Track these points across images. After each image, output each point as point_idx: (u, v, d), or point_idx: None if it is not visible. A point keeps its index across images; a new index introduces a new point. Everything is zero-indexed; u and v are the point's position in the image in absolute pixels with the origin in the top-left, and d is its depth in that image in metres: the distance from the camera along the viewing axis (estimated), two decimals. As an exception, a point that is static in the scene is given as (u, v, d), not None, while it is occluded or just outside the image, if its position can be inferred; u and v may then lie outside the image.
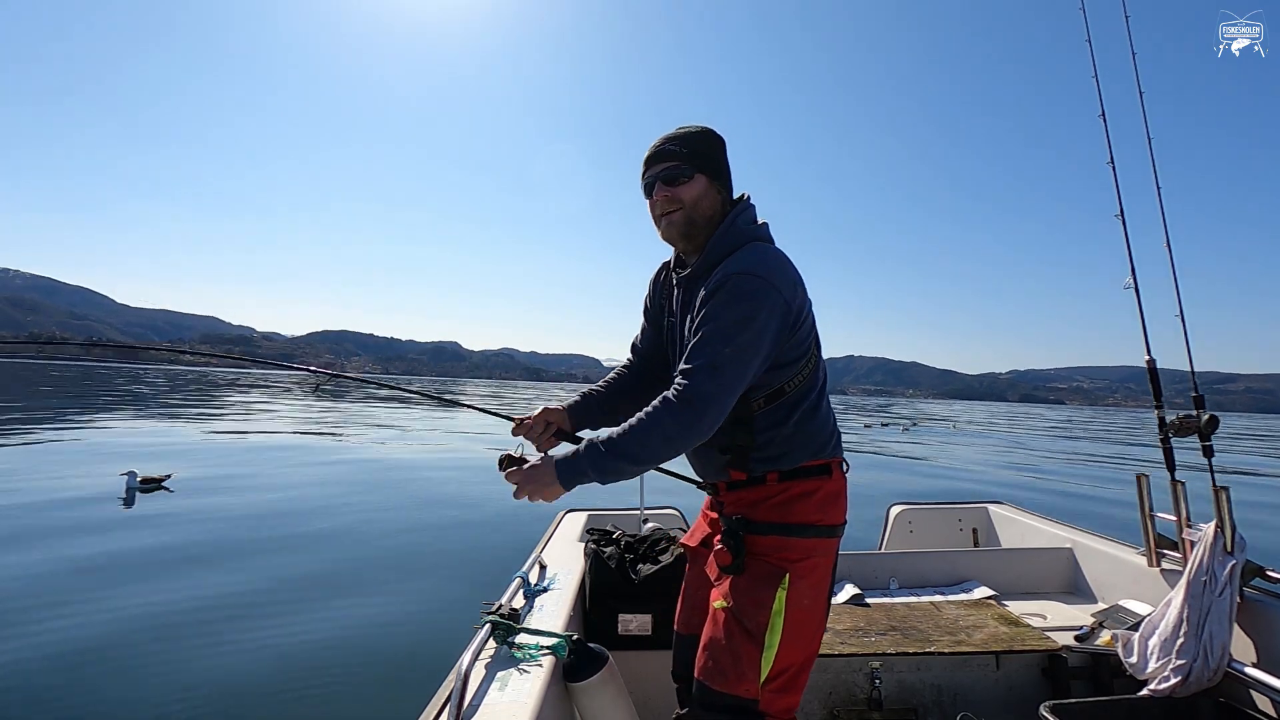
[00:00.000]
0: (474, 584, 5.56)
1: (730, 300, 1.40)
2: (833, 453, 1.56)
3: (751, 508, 1.53)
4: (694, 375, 1.38)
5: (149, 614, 4.69)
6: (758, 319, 1.39)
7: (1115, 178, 2.70)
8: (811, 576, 1.50)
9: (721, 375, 1.37)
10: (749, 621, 1.45)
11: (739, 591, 1.48)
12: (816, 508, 1.51)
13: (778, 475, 1.52)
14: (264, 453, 13.86)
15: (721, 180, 1.56)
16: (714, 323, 1.41)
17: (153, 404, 28.92)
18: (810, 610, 1.50)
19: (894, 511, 3.80)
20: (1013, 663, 2.37)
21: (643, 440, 1.38)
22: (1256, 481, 16.22)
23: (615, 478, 1.42)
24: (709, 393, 1.37)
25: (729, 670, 1.45)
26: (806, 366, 1.52)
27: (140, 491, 8.90)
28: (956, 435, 32.13)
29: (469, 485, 10.68)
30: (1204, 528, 2.16)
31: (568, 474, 1.41)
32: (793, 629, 1.46)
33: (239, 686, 3.72)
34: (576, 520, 3.20)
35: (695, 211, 1.53)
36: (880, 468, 15.85)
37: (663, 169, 1.53)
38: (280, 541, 6.80)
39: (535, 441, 1.67)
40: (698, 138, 1.54)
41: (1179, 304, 2.44)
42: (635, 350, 1.83)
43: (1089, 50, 2.87)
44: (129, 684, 3.70)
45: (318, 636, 4.42)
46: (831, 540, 1.54)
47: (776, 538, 1.50)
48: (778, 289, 1.42)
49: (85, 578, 5.44)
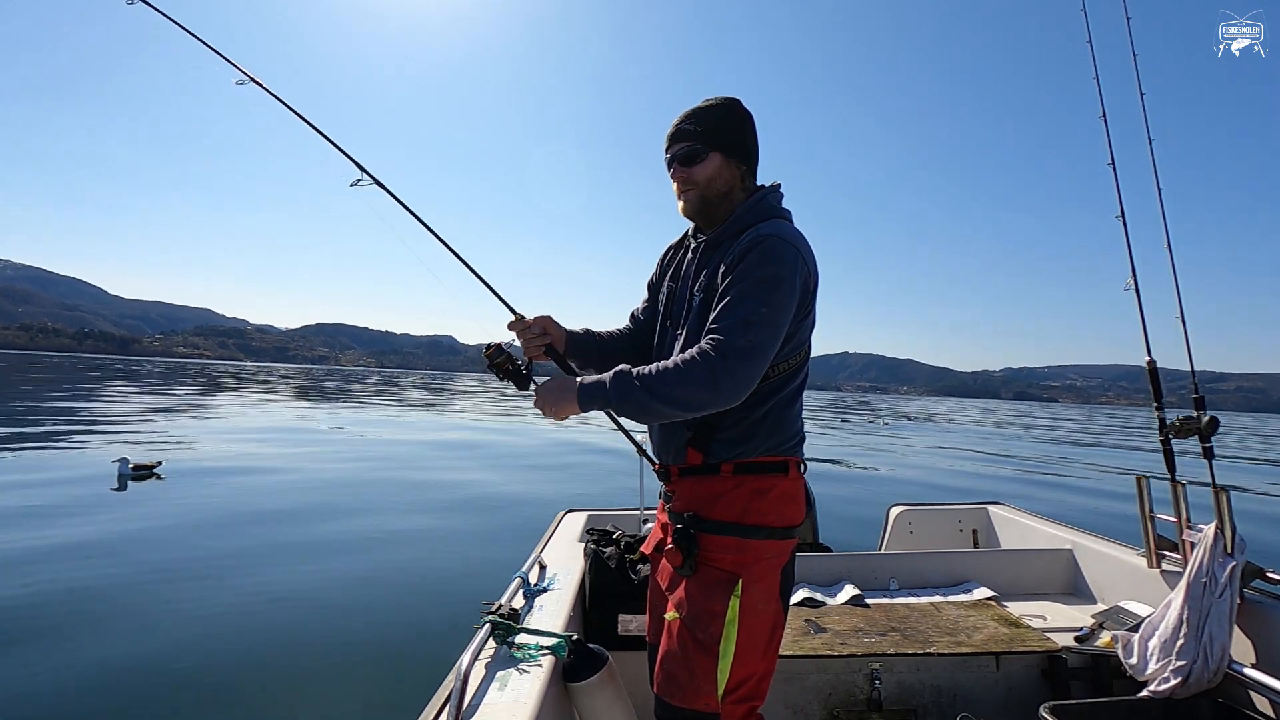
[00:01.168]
0: (474, 584, 5.56)
1: (763, 260, 1.40)
2: (793, 451, 1.52)
3: (705, 504, 1.48)
4: (729, 331, 1.35)
5: (144, 611, 4.68)
6: (788, 281, 1.40)
7: (1116, 179, 2.69)
8: (765, 580, 1.46)
9: (757, 332, 1.35)
10: (701, 633, 1.42)
11: (691, 601, 1.45)
12: (773, 507, 1.47)
13: (734, 467, 1.47)
14: (261, 448, 13.84)
15: (739, 155, 1.56)
16: (746, 281, 1.39)
17: (147, 394, 28.90)
18: (765, 616, 1.46)
19: (894, 512, 3.80)
20: (1012, 663, 2.37)
21: (674, 382, 1.35)
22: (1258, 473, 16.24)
23: (630, 411, 1.41)
24: (744, 348, 1.34)
25: (686, 684, 1.42)
26: (796, 356, 1.51)
27: (132, 479, 8.91)
28: (921, 430, 32.03)
29: (469, 484, 10.66)
30: (1204, 529, 2.16)
31: (589, 393, 1.41)
32: (748, 637, 1.42)
33: (239, 687, 3.71)
34: (576, 520, 3.20)
35: (709, 190, 1.54)
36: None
37: (679, 149, 1.54)
38: (278, 541, 6.79)
39: (526, 344, 1.65)
40: (714, 113, 1.54)
41: (1179, 306, 2.44)
42: (634, 319, 1.81)
43: (1090, 51, 2.87)
44: (129, 684, 3.70)
45: (317, 636, 4.42)
46: (787, 542, 1.50)
47: (731, 539, 1.45)
48: (804, 260, 1.44)
49: (82, 578, 5.44)
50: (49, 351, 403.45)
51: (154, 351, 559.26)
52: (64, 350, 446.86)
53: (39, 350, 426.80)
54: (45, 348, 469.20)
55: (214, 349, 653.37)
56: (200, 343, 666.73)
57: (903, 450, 20.60)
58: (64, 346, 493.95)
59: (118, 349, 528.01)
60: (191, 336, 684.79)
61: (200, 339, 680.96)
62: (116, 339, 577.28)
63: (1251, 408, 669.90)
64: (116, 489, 8.50)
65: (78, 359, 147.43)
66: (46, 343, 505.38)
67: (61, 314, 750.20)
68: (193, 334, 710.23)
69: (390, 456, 13.97)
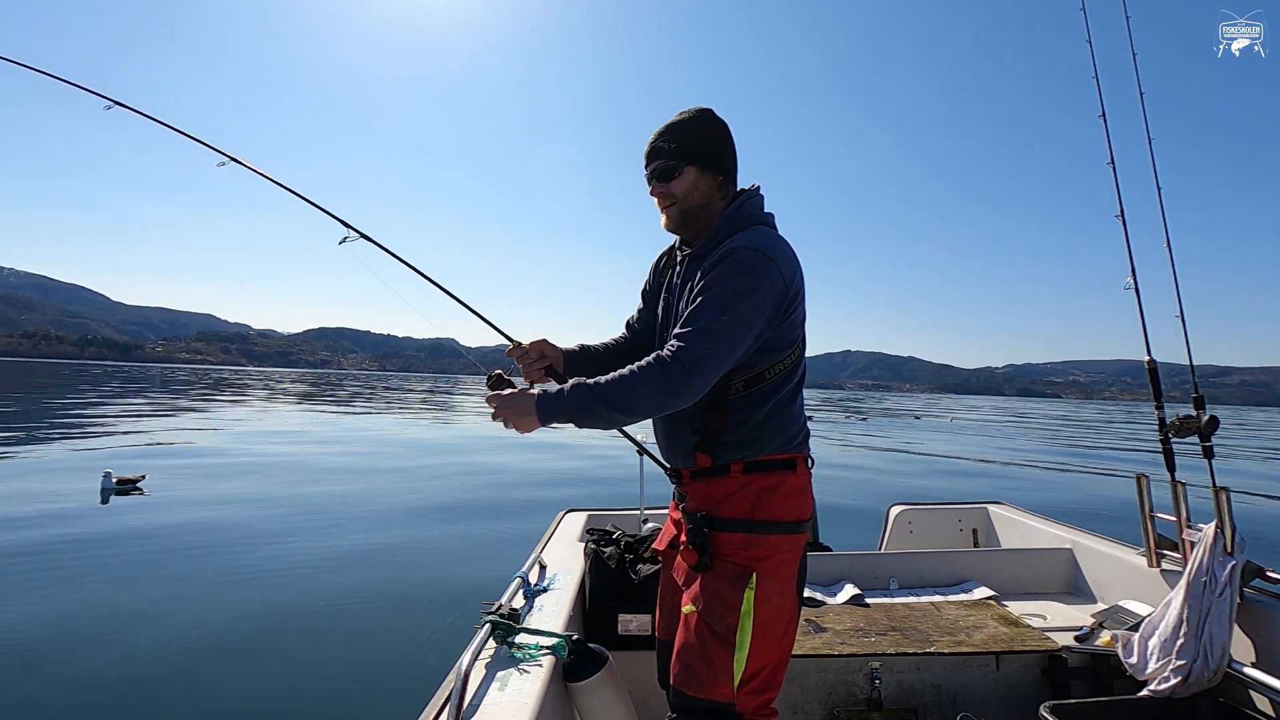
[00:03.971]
0: (474, 584, 5.56)
1: (732, 271, 1.43)
2: (799, 448, 1.56)
3: (716, 503, 1.52)
4: (689, 338, 1.39)
5: (145, 613, 4.68)
6: (757, 293, 1.41)
7: (1115, 178, 2.70)
8: (778, 574, 1.50)
9: (715, 340, 1.38)
10: (718, 624, 1.45)
11: (707, 595, 1.48)
12: (781, 503, 1.51)
13: (742, 467, 1.51)
14: (257, 448, 13.85)
15: (714, 166, 1.58)
16: (713, 290, 1.42)
17: (146, 401, 28.92)
18: (779, 609, 1.49)
19: (894, 512, 3.80)
20: (1013, 663, 2.37)
21: (630, 390, 1.38)
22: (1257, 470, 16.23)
23: (593, 421, 1.41)
24: (701, 355, 1.37)
25: (703, 675, 1.46)
26: (790, 356, 1.53)
27: (115, 493, 8.87)
28: (909, 427, 32.28)
29: (469, 484, 10.67)
30: (1204, 528, 2.16)
31: (547, 408, 1.42)
32: (762, 629, 1.46)
33: (238, 686, 3.72)
34: (576, 520, 3.20)
35: (687, 203, 1.58)
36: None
37: (655, 166, 1.58)
38: (278, 540, 6.79)
39: (526, 369, 1.69)
40: (685, 128, 1.57)
41: (1179, 305, 2.44)
42: (629, 328, 1.85)
43: (1089, 50, 2.87)
44: (129, 681, 3.70)
45: (317, 636, 4.42)
46: (798, 536, 1.54)
47: (743, 535, 1.49)
48: (779, 268, 1.45)
49: (72, 586, 5.44)
50: (52, 359, 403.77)
51: (156, 357, 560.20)
52: (67, 357, 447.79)
53: (42, 358, 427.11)
54: (48, 355, 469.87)
55: (216, 354, 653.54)
56: (203, 348, 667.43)
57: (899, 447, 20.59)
58: (67, 354, 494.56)
59: (120, 355, 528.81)
60: (194, 342, 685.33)
61: (203, 344, 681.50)
62: (119, 345, 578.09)
63: (1256, 401, 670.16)
64: (101, 503, 8.47)
65: (80, 366, 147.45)
66: (49, 350, 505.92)
67: (64, 321, 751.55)
68: (195, 339, 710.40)
69: (390, 456, 13.98)
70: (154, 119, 2.13)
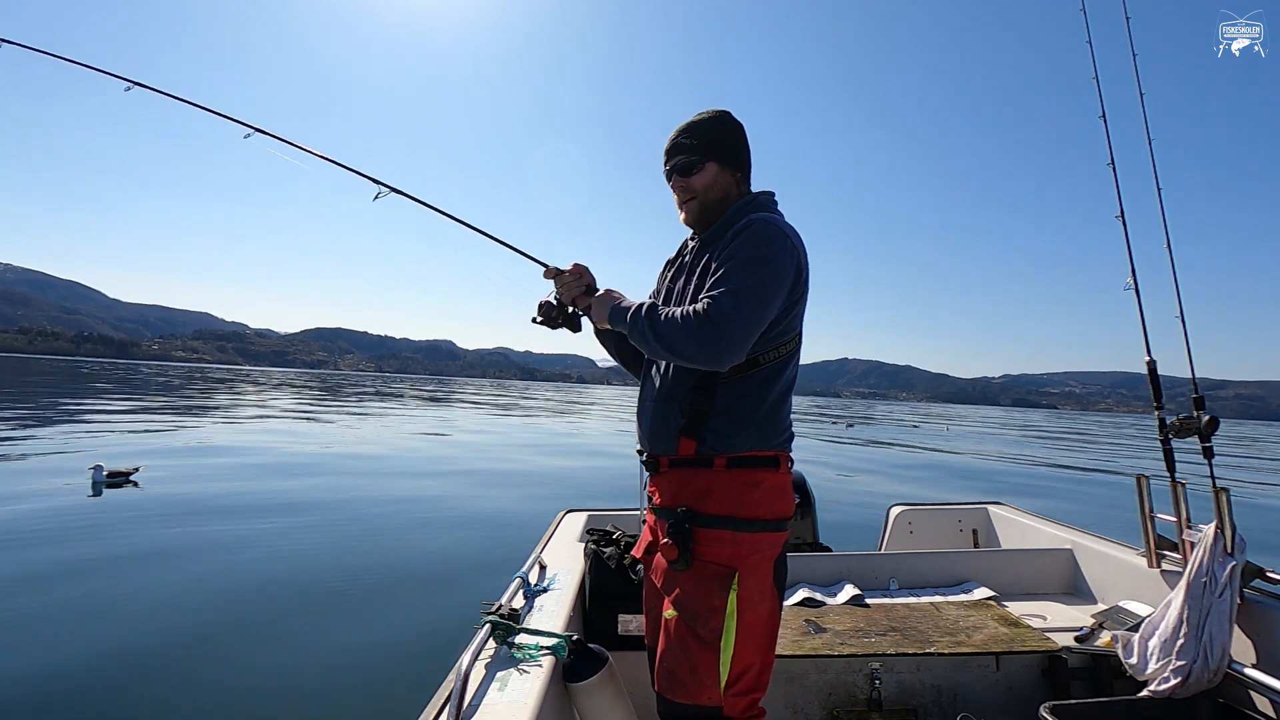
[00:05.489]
0: (474, 584, 5.56)
1: (753, 240, 1.47)
2: (782, 447, 1.56)
3: (699, 499, 1.51)
4: (717, 298, 1.42)
5: (141, 614, 4.68)
6: (777, 260, 1.45)
7: (1116, 178, 2.70)
8: (760, 572, 1.49)
9: (743, 300, 1.41)
10: (701, 628, 1.44)
11: (689, 597, 1.47)
12: (764, 500, 1.50)
13: (726, 461, 1.51)
14: (254, 447, 13.85)
15: (734, 164, 1.63)
16: (736, 258, 1.46)
17: (140, 398, 28.92)
18: (762, 607, 1.49)
19: (894, 512, 3.80)
20: (1013, 663, 2.37)
21: (675, 331, 1.43)
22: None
23: (639, 343, 1.51)
24: (728, 313, 1.39)
25: (687, 681, 1.45)
26: (786, 347, 1.54)
27: (107, 486, 8.83)
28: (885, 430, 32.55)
29: (469, 484, 10.67)
30: (1204, 529, 2.16)
31: (619, 315, 1.54)
32: (747, 629, 1.45)
33: (237, 686, 3.71)
34: (576, 520, 3.19)
35: (707, 197, 1.62)
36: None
37: (677, 161, 1.61)
38: (275, 539, 6.78)
39: (565, 289, 1.72)
40: (709, 126, 1.61)
41: (1179, 305, 2.44)
42: None
43: (1089, 51, 2.88)
44: (128, 681, 3.70)
45: (316, 636, 4.41)
46: (779, 534, 1.54)
47: (728, 532, 1.48)
48: (795, 246, 1.50)
49: (67, 581, 5.44)
50: (47, 355, 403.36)
51: (152, 355, 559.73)
52: (62, 354, 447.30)
53: (38, 354, 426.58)
54: (44, 351, 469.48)
55: (213, 353, 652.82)
56: (199, 346, 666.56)
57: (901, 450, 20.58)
58: (63, 350, 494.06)
59: (116, 353, 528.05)
60: (190, 340, 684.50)
61: (199, 343, 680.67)
62: (115, 343, 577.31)
63: (1251, 415, 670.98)
64: (92, 495, 8.44)
65: (75, 362, 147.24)
66: (45, 346, 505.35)
67: (61, 317, 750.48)
68: (191, 338, 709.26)
69: (388, 457, 13.97)
70: (177, 97, 2.13)
